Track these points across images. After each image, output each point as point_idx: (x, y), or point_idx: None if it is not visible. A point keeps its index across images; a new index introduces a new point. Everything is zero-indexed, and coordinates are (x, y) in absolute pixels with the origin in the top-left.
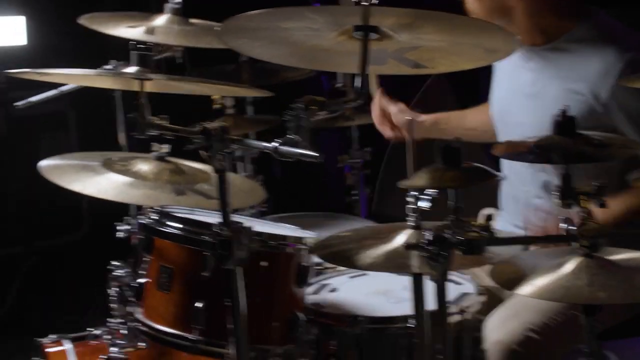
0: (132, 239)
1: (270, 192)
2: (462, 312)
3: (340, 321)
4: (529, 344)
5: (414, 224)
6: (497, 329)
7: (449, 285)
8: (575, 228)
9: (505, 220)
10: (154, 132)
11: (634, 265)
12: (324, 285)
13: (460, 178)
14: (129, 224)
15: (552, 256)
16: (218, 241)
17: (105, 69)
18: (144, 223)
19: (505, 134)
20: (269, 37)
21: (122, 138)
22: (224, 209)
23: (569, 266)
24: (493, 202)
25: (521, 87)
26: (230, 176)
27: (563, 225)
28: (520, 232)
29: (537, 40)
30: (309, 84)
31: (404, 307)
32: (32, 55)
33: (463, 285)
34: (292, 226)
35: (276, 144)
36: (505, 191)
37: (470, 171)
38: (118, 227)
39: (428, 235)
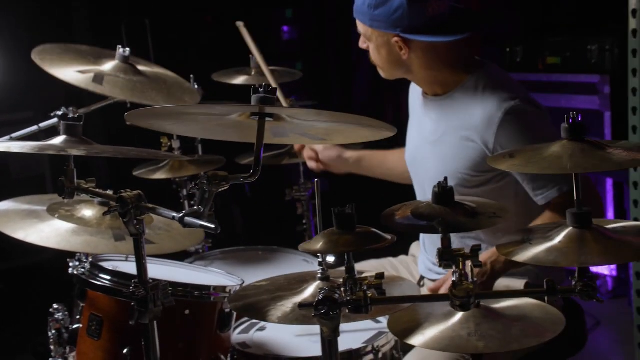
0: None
1: (227, 224)
2: (375, 351)
3: None
4: None
5: (322, 276)
6: None
7: (367, 323)
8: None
9: (426, 258)
10: (80, 195)
11: (514, 314)
12: (253, 324)
13: (354, 242)
14: (80, 261)
15: (446, 305)
16: (134, 299)
17: (56, 115)
18: (76, 274)
19: (416, 177)
20: (177, 119)
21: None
22: (139, 269)
23: (458, 315)
24: None
25: (426, 135)
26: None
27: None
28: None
29: (437, 90)
30: None
31: None
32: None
33: (381, 324)
34: (219, 271)
35: (182, 215)
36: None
37: (363, 235)
38: (70, 264)
39: (319, 296)
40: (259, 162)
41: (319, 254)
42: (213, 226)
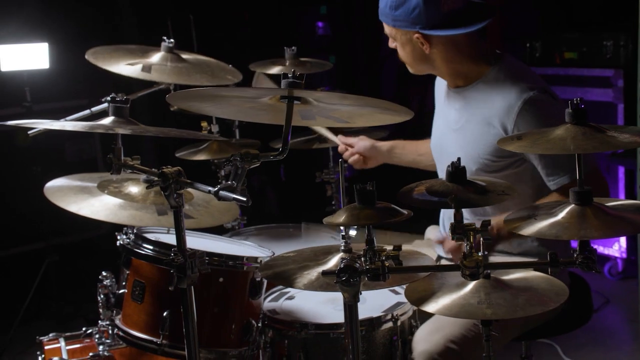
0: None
1: (258, 203)
2: (394, 319)
3: (290, 327)
4: (449, 354)
5: (344, 249)
6: (423, 341)
7: (387, 295)
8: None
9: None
10: (126, 172)
11: (522, 285)
12: (283, 293)
13: (374, 216)
14: (126, 234)
15: (458, 275)
16: (174, 266)
17: (106, 100)
18: (122, 244)
19: (440, 163)
20: (214, 101)
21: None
22: (179, 239)
23: (469, 285)
24: None
25: (449, 124)
26: (209, 196)
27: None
28: None
29: (459, 82)
30: None
31: None
32: (55, 78)
33: (400, 295)
34: (252, 244)
35: (217, 189)
36: (442, 211)
37: (382, 210)
38: (118, 237)
39: (341, 265)
40: (287, 142)
41: (342, 227)
42: (244, 199)
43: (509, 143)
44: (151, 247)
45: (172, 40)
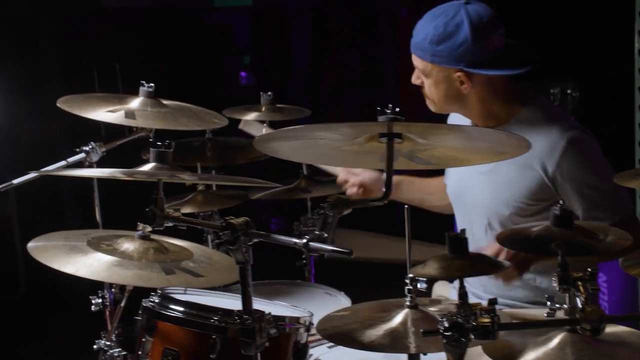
0: (107, 311)
1: None
2: None
3: None
4: None
5: (410, 304)
6: None
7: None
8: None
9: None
10: (170, 224)
11: (614, 340)
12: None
13: (467, 267)
14: (101, 298)
15: (538, 332)
16: (241, 330)
17: (83, 150)
18: (146, 306)
19: (462, 207)
20: (301, 142)
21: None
22: (245, 299)
23: (555, 341)
24: None
25: (475, 166)
26: (208, 251)
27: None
28: (481, 300)
29: (489, 123)
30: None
31: None
32: None
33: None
34: (285, 304)
35: (305, 240)
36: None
37: (477, 260)
38: (93, 301)
39: (445, 322)
40: (390, 185)
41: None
42: (347, 250)
43: (628, 180)
44: (182, 309)
45: (152, 84)
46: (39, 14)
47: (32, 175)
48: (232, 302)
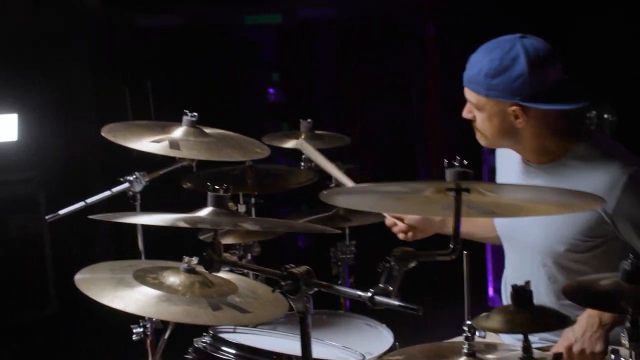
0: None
1: None
2: None
3: None
4: None
5: (468, 352)
6: None
7: None
8: None
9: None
10: (227, 269)
11: None
12: None
13: (532, 322)
14: (143, 327)
15: None
16: None
17: (127, 180)
18: (197, 347)
19: (512, 244)
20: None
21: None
22: (305, 350)
23: None
24: None
25: None
26: (252, 284)
27: None
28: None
29: (543, 159)
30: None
31: None
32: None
33: None
34: (337, 344)
35: (370, 294)
36: (505, 277)
37: (541, 314)
38: (134, 330)
39: None
40: (458, 239)
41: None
42: (415, 307)
43: None
44: (235, 352)
45: (195, 114)
46: (72, 30)
47: (78, 205)
48: (280, 342)
